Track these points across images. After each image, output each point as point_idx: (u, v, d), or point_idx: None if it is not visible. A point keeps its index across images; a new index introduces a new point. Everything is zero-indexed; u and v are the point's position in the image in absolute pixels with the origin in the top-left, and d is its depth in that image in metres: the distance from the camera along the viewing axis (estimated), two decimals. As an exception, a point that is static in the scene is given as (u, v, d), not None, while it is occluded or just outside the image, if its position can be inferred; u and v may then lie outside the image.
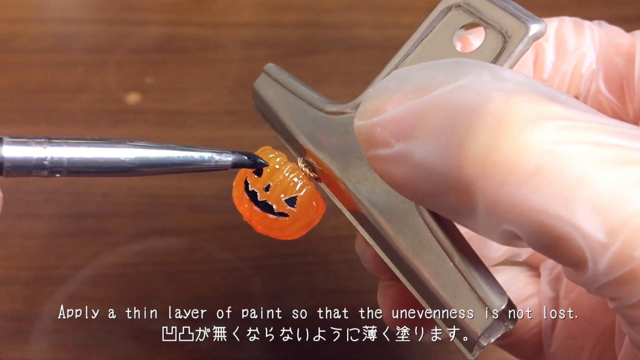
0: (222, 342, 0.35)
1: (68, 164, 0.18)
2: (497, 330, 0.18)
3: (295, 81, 0.24)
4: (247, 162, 0.22)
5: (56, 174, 0.19)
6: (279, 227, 0.22)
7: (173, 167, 0.20)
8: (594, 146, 0.14)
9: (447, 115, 0.15)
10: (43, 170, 0.18)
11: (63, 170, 0.19)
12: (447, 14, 0.21)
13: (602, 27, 0.23)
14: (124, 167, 0.19)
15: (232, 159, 0.21)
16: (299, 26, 0.51)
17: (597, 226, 0.14)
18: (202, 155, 0.21)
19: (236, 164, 0.21)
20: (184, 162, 0.20)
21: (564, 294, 0.23)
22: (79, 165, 0.19)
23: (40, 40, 0.50)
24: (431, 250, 0.19)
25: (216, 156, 0.21)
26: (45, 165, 0.18)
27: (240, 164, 0.22)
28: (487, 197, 0.15)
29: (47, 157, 0.18)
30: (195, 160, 0.21)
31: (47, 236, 0.39)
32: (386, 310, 0.24)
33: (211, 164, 0.21)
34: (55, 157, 0.18)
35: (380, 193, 0.21)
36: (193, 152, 0.20)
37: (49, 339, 0.35)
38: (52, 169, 0.18)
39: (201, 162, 0.21)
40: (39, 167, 0.18)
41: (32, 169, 0.18)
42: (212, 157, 0.21)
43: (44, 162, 0.18)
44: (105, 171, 0.19)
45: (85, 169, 0.19)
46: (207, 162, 0.21)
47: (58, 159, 0.18)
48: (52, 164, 0.18)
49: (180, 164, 0.20)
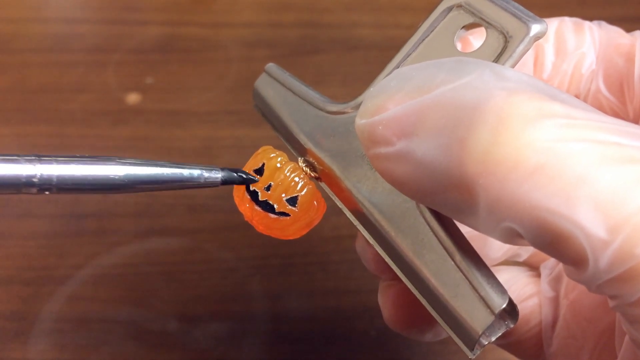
0: (222, 342, 0.35)
1: (57, 182, 0.18)
2: (498, 329, 0.18)
3: (296, 81, 0.24)
4: (237, 179, 0.22)
5: (45, 191, 0.18)
6: (280, 226, 0.22)
7: (162, 184, 0.20)
8: (595, 144, 0.14)
9: (448, 114, 0.15)
10: (32, 188, 0.18)
11: (52, 187, 0.18)
12: (448, 14, 0.21)
13: (602, 27, 0.23)
14: (114, 184, 0.19)
15: (222, 176, 0.21)
16: (299, 26, 0.51)
17: (598, 223, 0.14)
18: (191, 173, 0.21)
19: (225, 181, 0.22)
20: (173, 179, 0.21)
21: (564, 294, 0.23)
22: (68, 183, 0.19)
23: (40, 40, 0.50)
24: (432, 249, 0.19)
25: (205, 173, 0.21)
26: (34, 183, 0.18)
27: (230, 181, 0.22)
28: (489, 195, 0.15)
29: (36, 174, 0.18)
30: (185, 178, 0.21)
31: (47, 236, 0.39)
32: (387, 310, 0.23)
33: (200, 181, 0.21)
34: (44, 175, 0.18)
35: (381, 192, 0.21)
36: (182, 170, 0.21)
37: (49, 339, 0.35)
38: (42, 187, 0.18)
39: (190, 179, 0.21)
40: (28, 185, 0.18)
41: (21, 186, 0.18)
42: (201, 174, 0.21)
43: (33, 179, 0.18)
44: (94, 189, 0.19)
45: (74, 186, 0.19)
46: (196, 180, 0.21)
47: (47, 177, 0.18)
48: (42, 182, 0.18)
49: (170, 181, 0.20)
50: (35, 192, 0.18)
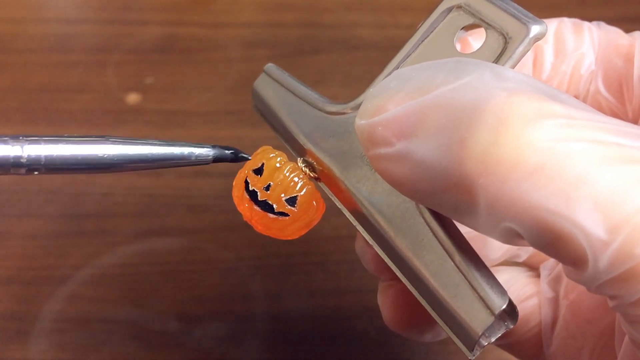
0: (222, 342, 0.35)
1: (46, 162, 0.19)
2: (498, 329, 0.18)
3: (295, 81, 0.24)
4: (228, 156, 0.22)
5: (34, 171, 0.19)
6: (279, 226, 0.22)
7: (153, 162, 0.20)
8: (594, 144, 0.14)
9: (448, 114, 0.15)
10: (20, 168, 0.18)
11: (41, 167, 0.19)
12: (448, 14, 0.21)
13: (601, 28, 0.23)
14: (104, 163, 0.19)
15: (213, 153, 0.21)
16: (299, 26, 0.51)
17: (598, 223, 0.14)
18: (182, 151, 0.21)
19: (217, 158, 0.21)
20: (164, 157, 0.20)
21: (564, 294, 0.23)
22: (57, 163, 0.19)
23: (40, 40, 0.50)
24: (432, 249, 0.19)
25: (196, 151, 0.21)
26: (22, 163, 0.18)
27: (221, 158, 0.21)
28: (488, 195, 0.15)
29: (24, 155, 0.18)
30: (175, 156, 0.21)
31: (47, 236, 0.39)
32: (386, 311, 0.23)
33: (191, 159, 0.21)
34: (32, 155, 0.18)
35: (380, 193, 0.21)
36: (173, 148, 0.21)
37: (49, 339, 0.35)
38: (30, 167, 0.18)
39: (181, 157, 0.21)
40: (16, 165, 0.18)
41: (9, 167, 0.18)
42: (192, 152, 0.21)
43: (21, 159, 0.18)
44: (84, 168, 0.19)
45: (63, 166, 0.19)
46: (187, 158, 0.21)
47: (35, 157, 0.18)
48: (30, 162, 0.18)
49: (161, 159, 0.20)
50: (24, 172, 0.18)
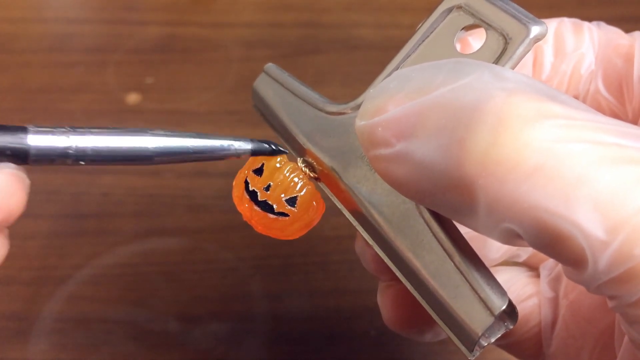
0: (222, 342, 0.35)
1: (92, 153, 0.19)
2: (498, 330, 0.18)
3: (295, 81, 0.24)
4: (267, 149, 0.22)
5: (80, 162, 0.19)
6: (279, 226, 0.22)
7: (193, 154, 0.20)
8: (594, 145, 0.14)
9: (448, 115, 0.15)
10: (67, 159, 0.19)
11: (87, 158, 0.19)
12: (448, 15, 0.21)
13: (601, 28, 0.23)
14: (145, 155, 0.20)
15: (252, 146, 0.21)
16: (299, 26, 0.51)
17: (597, 224, 0.14)
18: (221, 143, 0.21)
19: (255, 151, 0.22)
20: (204, 150, 0.20)
21: (564, 294, 0.23)
22: (102, 154, 0.19)
23: (40, 40, 0.50)
24: (432, 250, 0.19)
25: (235, 143, 0.21)
26: (69, 154, 0.19)
27: (260, 151, 0.22)
28: (488, 195, 0.15)
29: (71, 145, 0.19)
30: (215, 148, 0.21)
31: (47, 236, 0.39)
32: (386, 311, 0.23)
33: (230, 151, 0.21)
34: (79, 146, 0.19)
35: (380, 193, 0.21)
36: (212, 140, 0.21)
37: (49, 339, 0.35)
38: (76, 157, 0.19)
39: (220, 149, 0.21)
40: (63, 156, 0.19)
41: (56, 157, 0.19)
42: (231, 144, 0.21)
43: (68, 150, 0.19)
44: (126, 160, 0.19)
45: (107, 157, 0.19)
46: (226, 150, 0.21)
47: (82, 148, 0.19)
48: (77, 153, 0.19)
49: (200, 151, 0.20)
50: (70, 162, 0.19)
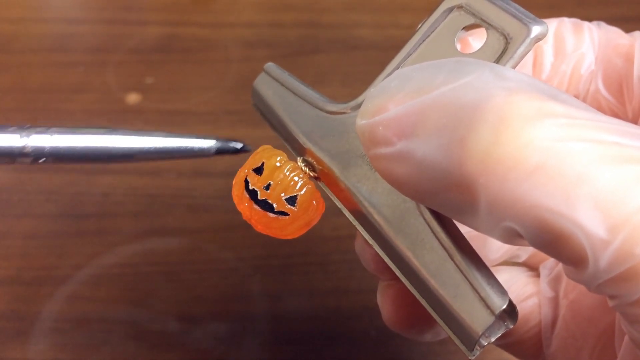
0: (222, 342, 0.35)
1: (50, 151, 0.19)
2: (498, 329, 0.18)
3: (295, 80, 0.24)
4: (231, 149, 0.22)
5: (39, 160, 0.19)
6: (278, 226, 0.22)
7: (154, 154, 0.20)
8: (594, 144, 0.14)
9: (449, 114, 0.15)
10: (26, 158, 0.19)
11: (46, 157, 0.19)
12: (449, 14, 0.21)
13: (601, 27, 0.23)
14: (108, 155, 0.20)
15: (216, 145, 0.21)
16: (299, 26, 0.51)
17: (598, 223, 0.14)
18: (185, 142, 0.21)
19: (219, 150, 0.22)
20: (165, 150, 0.21)
21: (564, 294, 0.23)
22: (61, 153, 0.19)
23: (40, 40, 0.50)
24: (432, 249, 0.19)
25: (199, 143, 0.21)
26: (26, 153, 0.19)
27: (224, 150, 0.22)
28: (489, 194, 0.15)
29: (28, 145, 0.19)
30: (179, 148, 0.21)
31: (47, 236, 0.39)
32: (386, 310, 0.23)
33: (194, 150, 0.21)
34: (36, 145, 0.19)
35: (380, 192, 0.21)
36: (176, 139, 0.21)
37: (49, 339, 0.35)
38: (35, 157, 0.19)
39: (184, 149, 0.21)
40: (22, 155, 0.19)
41: (15, 156, 0.18)
42: (195, 143, 0.21)
43: (23, 150, 0.19)
44: (89, 159, 0.19)
45: (67, 156, 0.19)
46: (189, 149, 0.21)
47: (39, 147, 0.19)
48: (34, 152, 0.19)
49: (162, 151, 0.21)
50: (30, 162, 0.19)
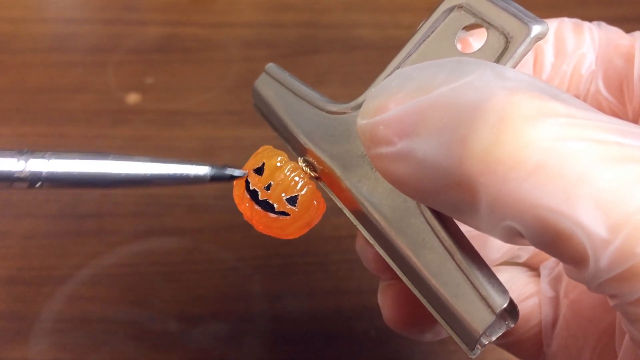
0: (222, 342, 0.35)
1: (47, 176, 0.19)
2: (499, 329, 0.18)
3: (295, 81, 0.24)
4: (226, 176, 0.22)
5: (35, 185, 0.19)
6: (279, 226, 0.22)
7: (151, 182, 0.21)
8: (595, 143, 0.14)
9: (449, 113, 0.15)
10: (23, 183, 0.19)
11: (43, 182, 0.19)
12: (449, 14, 0.21)
13: (602, 28, 0.23)
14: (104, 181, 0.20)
15: (211, 172, 0.22)
16: (299, 26, 0.51)
17: (599, 222, 0.14)
18: (180, 170, 0.21)
19: (214, 177, 0.22)
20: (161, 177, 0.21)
21: (564, 294, 0.23)
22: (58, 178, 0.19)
23: (40, 40, 0.50)
24: (433, 249, 0.19)
25: (194, 170, 0.21)
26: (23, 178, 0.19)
27: (219, 177, 0.22)
28: (490, 193, 0.15)
29: (24, 169, 0.19)
30: (173, 176, 0.21)
31: (47, 236, 0.39)
32: (387, 310, 0.23)
33: (189, 178, 0.21)
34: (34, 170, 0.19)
35: (381, 192, 0.21)
36: (171, 166, 0.21)
37: (49, 339, 0.35)
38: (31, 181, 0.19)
39: (179, 177, 0.21)
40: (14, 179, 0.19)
41: (12, 181, 0.19)
42: (189, 171, 0.21)
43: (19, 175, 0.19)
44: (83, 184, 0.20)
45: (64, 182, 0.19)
46: (184, 177, 0.21)
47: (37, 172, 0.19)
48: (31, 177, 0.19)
49: (158, 179, 0.21)
50: (26, 187, 0.19)
